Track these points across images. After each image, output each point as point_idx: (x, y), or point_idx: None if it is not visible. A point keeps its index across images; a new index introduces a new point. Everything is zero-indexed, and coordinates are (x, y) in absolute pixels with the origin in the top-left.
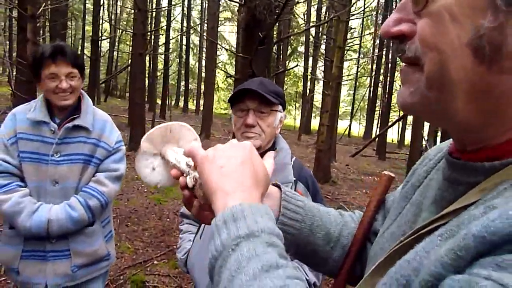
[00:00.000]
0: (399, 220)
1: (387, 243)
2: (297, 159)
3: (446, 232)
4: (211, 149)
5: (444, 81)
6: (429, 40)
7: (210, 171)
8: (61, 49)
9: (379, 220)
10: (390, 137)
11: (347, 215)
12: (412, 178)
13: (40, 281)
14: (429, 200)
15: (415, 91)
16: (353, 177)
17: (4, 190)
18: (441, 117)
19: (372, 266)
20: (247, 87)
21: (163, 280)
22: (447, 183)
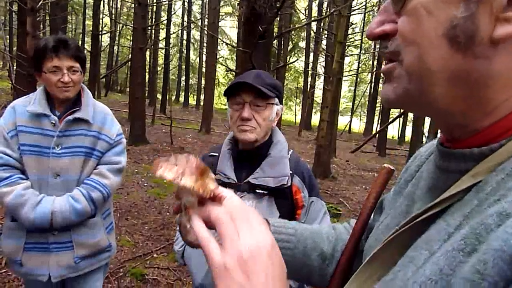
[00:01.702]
0: (393, 213)
1: (381, 234)
2: (294, 152)
3: (467, 247)
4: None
5: (423, 72)
6: (408, 35)
7: None
8: (64, 42)
9: (376, 219)
10: (391, 133)
11: (340, 227)
12: (405, 174)
13: (44, 273)
14: (422, 190)
15: (397, 86)
16: (353, 173)
17: (6, 182)
18: (424, 107)
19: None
20: (242, 80)
21: (162, 273)
22: (439, 171)
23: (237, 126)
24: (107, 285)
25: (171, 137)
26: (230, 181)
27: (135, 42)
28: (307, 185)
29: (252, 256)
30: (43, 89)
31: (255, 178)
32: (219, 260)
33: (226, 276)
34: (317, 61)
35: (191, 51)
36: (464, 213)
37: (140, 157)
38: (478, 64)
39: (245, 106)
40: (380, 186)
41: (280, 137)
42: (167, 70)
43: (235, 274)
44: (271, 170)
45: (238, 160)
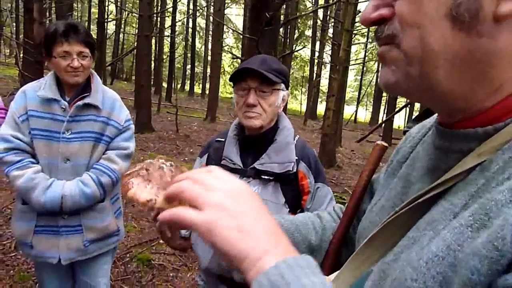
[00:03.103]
0: (387, 195)
1: (376, 216)
2: (301, 138)
3: (475, 222)
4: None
5: (426, 54)
6: (408, 18)
7: (226, 238)
8: (74, 27)
9: (366, 202)
10: (397, 123)
11: (326, 216)
12: (397, 156)
13: (54, 255)
14: (419, 171)
15: (396, 69)
16: (358, 162)
17: (17, 166)
18: (426, 91)
19: (364, 239)
20: (248, 65)
21: (168, 258)
22: (439, 152)
23: (243, 112)
24: (114, 270)
25: (177, 125)
26: (236, 166)
27: (140, 30)
28: (313, 171)
29: (232, 196)
30: (53, 74)
31: (261, 164)
32: (203, 216)
33: (219, 225)
34: (323, 49)
35: (197, 39)
36: (470, 192)
37: (146, 144)
38: (482, 43)
39: (250, 92)
40: (373, 163)
41: (286, 123)
42: (173, 58)
43: (227, 220)
44: (276, 156)
45: (244, 146)
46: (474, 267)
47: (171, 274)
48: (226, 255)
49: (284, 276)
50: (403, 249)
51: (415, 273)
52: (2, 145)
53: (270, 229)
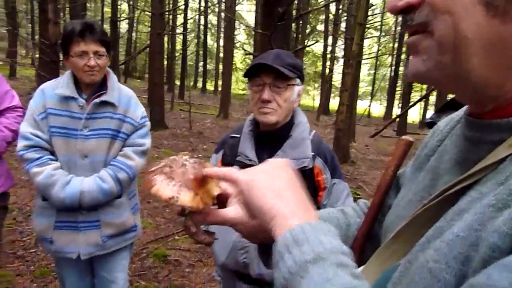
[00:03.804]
0: (414, 188)
1: (403, 210)
2: (317, 134)
3: (498, 202)
4: (250, 173)
5: (458, 41)
6: (439, 4)
7: (261, 195)
8: (90, 27)
9: (392, 197)
10: (411, 118)
11: (350, 212)
12: (424, 150)
13: (73, 250)
14: (448, 164)
15: (428, 58)
16: (372, 157)
17: (37, 163)
18: (458, 79)
19: (390, 234)
20: (262, 61)
21: (184, 254)
22: (469, 144)
23: (258, 108)
24: (131, 266)
25: (190, 122)
26: (252, 163)
27: (153, 28)
28: (329, 166)
29: (272, 167)
30: (70, 72)
31: None
32: (245, 176)
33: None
34: (335, 44)
35: (208, 36)
36: (499, 180)
37: (160, 141)
38: None
39: (265, 88)
40: (398, 158)
41: (302, 118)
42: (185, 56)
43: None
44: (292, 152)
45: (259, 142)
46: (494, 244)
47: (186, 269)
48: (259, 210)
49: (305, 233)
50: (429, 239)
51: (436, 254)
52: (22, 143)
53: (300, 198)
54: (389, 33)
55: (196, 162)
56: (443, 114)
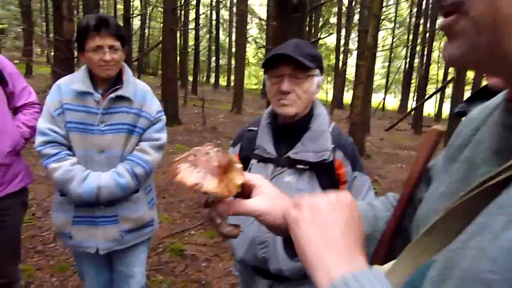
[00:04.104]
0: (448, 180)
1: (436, 203)
2: (336, 126)
3: None
4: (306, 206)
5: (496, 20)
6: None
7: (309, 238)
8: (105, 21)
9: (422, 190)
10: (426, 110)
11: (378, 204)
12: (457, 140)
13: (92, 245)
14: (485, 153)
15: (463, 41)
16: (388, 151)
17: (55, 159)
18: (497, 61)
19: (422, 228)
20: (281, 51)
21: (200, 249)
22: (508, 131)
23: (276, 99)
24: (148, 260)
25: (204, 117)
26: (270, 156)
27: (165, 24)
28: (350, 159)
29: (332, 204)
30: (85, 67)
31: (295, 152)
32: (293, 211)
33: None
34: (349, 37)
35: (221, 31)
36: None
37: (174, 137)
38: None
39: (284, 79)
40: (429, 149)
41: (321, 110)
42: (197, 51)
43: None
44: (312, 145)
45: (277, 135)
46: None
47: (203, 264)
48: (302, 252)
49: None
50: (471, 236)
51: (493, 264)
52: (40, 139)
53: (351, 244)
54: (404, 25)
55: (220, 151)
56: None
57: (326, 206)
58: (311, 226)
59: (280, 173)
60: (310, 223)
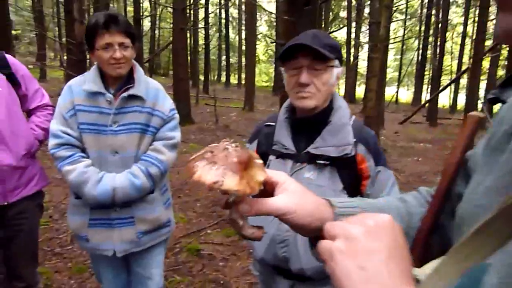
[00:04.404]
0: (496, 173)
1: (483, 199)
2: (357, 119)
3: None
4: (340, 235)
5: None
6: None
7: (346, 272)
8: (114, 18)
9: (460, 184)
10: (441, 102)
11: (410, 199)
12: (501, 126)
13: (109, 247)
14: None
15: None
16: (403, 144)
17: (69, 161)
18: None
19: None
20: (299, 42)
21: (217, 248)
22: None
23: (295, 92)
24: (165, 260)
25: (216, 116)
26: (289, 151)
27: (175, 24)
28: (372, 153)
29: (372, 230)
30: (96, 67)
31: (316, 147)
32: (327, 243)
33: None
34: (359, 30)
35: (230, 29)
36: None
37: (187, 136)
38: None
39: (302, 70)
40: (467, 138)
41: (341, 103)
42: (208, 50)
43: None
44: (332, 139)
45: (296, 129)
46: None
47: (220, 263)
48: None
49: None
50: None
51: None
52: (53, 141)
53: (396, 274)
54: (415, 16)
55: (238, 146)
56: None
57: (363, 233)
58: (348, 259)
59: (299, 169)
60: (346, 255)
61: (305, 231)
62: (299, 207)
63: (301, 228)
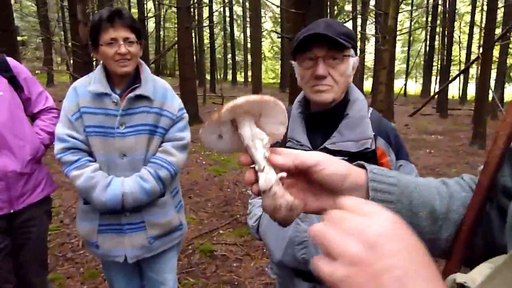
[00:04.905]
0: None
1: None
2: (375, 111)
3: None
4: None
5: None
6: None
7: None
8: (118, 12)
9: (506, 175)
10: (450, 93)
11: (452, 183)
12: None
13: (120, 253)
14: None
15: None
16: (414, 137)
17: (76, 166)
18: None
19: None
20: (313, 31)
21: (230, 248)
22: None
23: (311, 86)
24: (178, 263)
25: None
26: (304, 148)
27: (180, 23)
28: (393, 147)
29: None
30: (101, 67)
31: (333, 143)
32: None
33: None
34: (365, 24)
35: (235, 27)
36: None
37: (196, 136)
38: None
39: (318, 62)
40: (511, 127)
41: (358, 95)
42: (213, 49)
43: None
44: (350, 133)
45: (311, 124)
46: None
47: (234, 264)
48: None
49: None
50: None
51: None
52: (59, 145)
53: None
54: (421, 6)
55: None
56: None
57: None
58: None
59: None
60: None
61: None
62: (329, 162)
63: (333, 187)
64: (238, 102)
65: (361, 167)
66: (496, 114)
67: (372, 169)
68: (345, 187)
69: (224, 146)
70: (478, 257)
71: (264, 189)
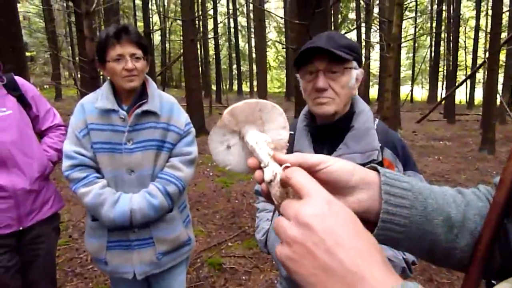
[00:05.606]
0: None
1: None
2: (381, 122)
3: None
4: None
5: None
6: None
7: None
8: (125, 28)
9: None
10: (457, 98)
11: (468, 193)
12: None
13: (128, 270)
14: None
15: None
16: (422, 143)
17: (84, 183)
18: None
19: None
20: (313, 45)
21: (239, 261)
22: None
23: (312, 98)
24: (187, 277)
25: None
26: None
27: (185, 35)
28: (400, 158)
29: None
30: (108, 83)
31: (339, 155)
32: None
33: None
34: (370, 32)
35: (239, 38)
36: None
37: (203, 147)
38: None
39: (319, 75)
40: None
41: (364, 107)
42: (218, 60)
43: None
44: (356, 145)
45: (317, 137)
46: None
47: (243, 277)
48: None
49: None
50: None
51: None
52: (67, 163)
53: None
54: (425, 13)
55: None
56: None
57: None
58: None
59: None
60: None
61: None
62: (334, 160)
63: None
64: (237, 104)
65: (374, 169)
66: (504, 118)
67: (385, 172)
68: (353, 183)
69: (234, 161)
70: (495, 269)
71: (269, 179)
